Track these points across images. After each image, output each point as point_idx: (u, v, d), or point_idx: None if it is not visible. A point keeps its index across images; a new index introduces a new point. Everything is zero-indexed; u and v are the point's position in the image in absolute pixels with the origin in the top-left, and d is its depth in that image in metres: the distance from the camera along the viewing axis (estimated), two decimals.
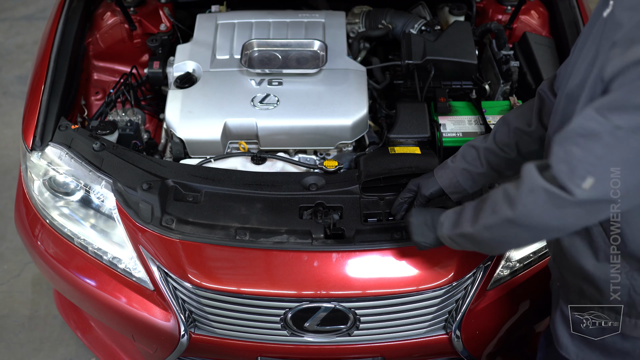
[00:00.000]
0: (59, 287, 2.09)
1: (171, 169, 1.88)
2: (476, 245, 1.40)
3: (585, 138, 1.08)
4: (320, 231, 1.73)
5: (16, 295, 2.79)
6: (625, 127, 1.03)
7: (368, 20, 2.54)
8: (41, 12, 4.32)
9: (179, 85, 2.18)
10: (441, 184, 1.68)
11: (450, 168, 1.67)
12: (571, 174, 1.09)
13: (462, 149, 1.69)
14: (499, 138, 1.62)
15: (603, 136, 1.05)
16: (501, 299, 1.83)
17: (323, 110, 2.07)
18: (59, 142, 1.91)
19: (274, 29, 2.37)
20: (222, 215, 1.76)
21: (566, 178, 1.10)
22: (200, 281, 1.72)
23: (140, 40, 2.49)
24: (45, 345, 2.63)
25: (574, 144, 1.10)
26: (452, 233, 1.45)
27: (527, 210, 1.19)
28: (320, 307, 1.72)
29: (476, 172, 1.64)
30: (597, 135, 1.05)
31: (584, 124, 1.09)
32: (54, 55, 2.12)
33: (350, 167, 2.02)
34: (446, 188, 1.68)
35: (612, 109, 1.04)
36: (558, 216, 1.15)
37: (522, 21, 2.48)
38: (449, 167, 1.68)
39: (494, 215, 1.27)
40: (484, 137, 1.68)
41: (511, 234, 1.27)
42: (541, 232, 1.23)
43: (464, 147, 1.69)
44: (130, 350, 2.19)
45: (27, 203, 1.97)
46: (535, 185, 1.16)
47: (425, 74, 2.24)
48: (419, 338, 1.84)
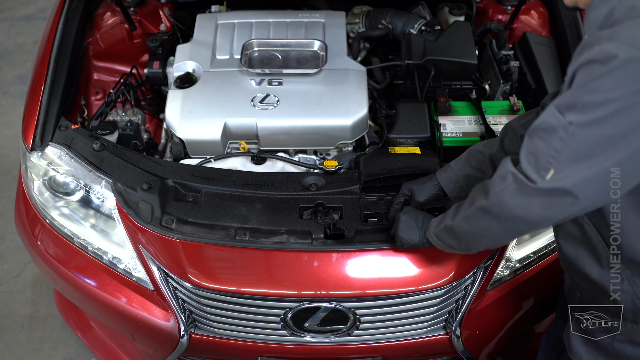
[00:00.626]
0: (59, 287, 2.09)
1: (171, 169, 1.88)
2: (456, 239, 1.44)
3: (547, 132, 1.17)
4: (320, 231, 1.73)
5: (16, 295, 2.79)
6: (576, 123, 1.12)
7: (368, 20, 2.54)
8: (41, 12, 4.32)
9: (179, 85, 2.18)
10: (445, 187, 1.69)
11: (454, 171, 1.68)
12: (537, 166, 1.18)
13: (466, 153, 1.69)
14: (507, 145, 1.63)
15: (559, 131, 1.14)
16: (501, 299, 1.83)
17: (323, 110, 2.07)
18: (59, 142, 1.91)
19: (274, 29, 2.37)
20: (222, 215, 1.76)
21: (533, 169, 1.19)
22: (200, 281, 1.72)
23: (140, 40, 2.49)
24: (45, 345, 2.63)
25: (539, 138, 1.19)
26: (437, 229, 1.49)
27: (498, 197, 1.25)
28: (320, 307, 1.72)
29: (481, 178, 1.63)
30: (555, 129, 1.15)
31: (546, 119, 1.18)
32: (54, 55, 2.12)
33: (350, 167, 2.02)
34: (449, 192, 1.69)
35: (566, 106, 1.15)
36: (525, 204, 1.21)
37: (522, 21, 2.48)
38: (452, 171, 1.68)
39: (472, 206, 1.34)
40: (489, 143, 1.68)
41: (484, 224, 1.32)
42: (510, 224, 1.27)
43: (469, 152, 1.69)
44: (130, 350, 2.19)
45: (27, 203, 1.97)
46: (506, 172, 1.24)
47: (425, 74, 2.24)
48: (419, 338, 1.84)
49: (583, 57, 1.14)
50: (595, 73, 1.10)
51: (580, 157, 1.13)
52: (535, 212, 1.21)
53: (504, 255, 1.81)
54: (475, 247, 1.41)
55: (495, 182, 1.27)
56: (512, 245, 1.82)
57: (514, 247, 1.82)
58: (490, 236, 1.34)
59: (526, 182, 1.19)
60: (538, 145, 1.18)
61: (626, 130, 1.10)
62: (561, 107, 1.15)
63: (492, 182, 1.28)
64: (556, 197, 1.17)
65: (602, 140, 1.11)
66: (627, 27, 1.10)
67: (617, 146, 1.11)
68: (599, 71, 1.09)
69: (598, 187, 1.16)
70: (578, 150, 1.13)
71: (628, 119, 1.09)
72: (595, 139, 1.11)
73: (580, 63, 1.14)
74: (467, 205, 1.37)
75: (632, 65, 1.07)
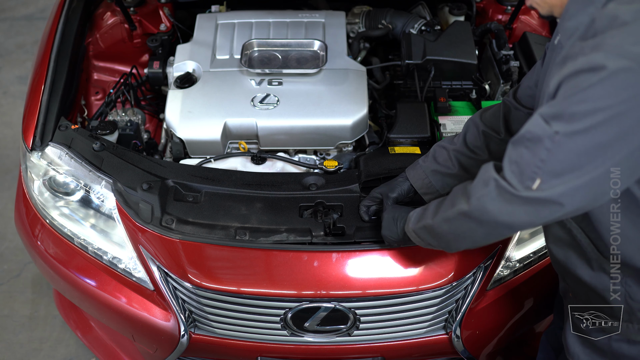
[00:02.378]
0: (59, 287, 2.09)
1: (171, 169, 1.88)
2: (436, 238, 1.43)
3: (532, 142, 1.16)
4: (320, 229, 1.73)
5: (16, 295, 2.79)
6: (562, 132, 1.12)
7: (368, 20, 2.54)
8: (41, 12, 4.32)
9: (179, 85, 2.18)
10: (414, 184, 1.71)
11: (422, 169, 1.70)
12: (521, 175, 1.17)
13: (432, 149, 1.72)
14: (469, 140, 1.67)
15: (544, 141, 1.14)
16: (501, 299, 1.83)
17: (323, 110, 2.07)
18: (59, 142, 1.91)
19: (274, 29, 2.37)
20: (222, 215, 1.76)
21: (517, 178, 1.18)
22: (200, 281, 1.72)
23: (140, 40, 2.49)
24: (45, 345, 2.63)
25: (524, 147, 1.18)
26: (415, 226, 1.48)
27: (480, 203, 1.24)
28: (320, 307, 1.72)
29: (448, 173, 1.68)
30: (540, 139, 1.14)
31: (531, 128, 1.17)
32: (54, 55, 2.12)
33: (350, 167, 2.02)
34: (419, 189, 1.71)
35: (552, 115, 1.14)
36: (509, 211, 1.21)
37: (522, 21, 2.48)
38: (420, 168, 1.71)
39: (452, 208, 1.33)
40: (454, 138, 1.71)
41: (466, 227, 1.31)
42: (493, 228, 1.28)
43: (434, 148, 1.72)
44: (130, 350, 2.19)
45: (27, 203, 1.97)
46: (488, 178, 1.23)
47: (425, 74, 2.24)
48: (419, 338, 1.84)
49: (567, 68, 1.14)
50: (583, 84, 1.09)
51: (566, 167, 1.13)
52: (519, 219, 1.21)
53: (504, 255, 1.81)
54: (456, 247, 1.43)
55: (476, 187, 1.26)
56: (512, 245, 1.82)
57: (514, 247, 1.82)
58: (472, 239, 1.34)
59: (510, 189, 1.18)
60: (523, 155, 1.17)
61: (615, 137, 1.10)
62: (547, 116, 1.14)
63: (474, 186, 1.27)
64: (542, 205, 1.17)
65: (590, 149, 1.11)
66: (612, 36, 1.10)
67: (605, 154, 1.11)
68: (587, 82, 1.09)
69: (585, 195, 1.16)
70: (564, 160, 1.13)
71: (617, 126, 1.09)
72: (582, 148, 1.11)
73: (566, 74, 1.13)
74: (447, 207, 1.36)
75: (621, 75, 1.07)
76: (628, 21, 1.11)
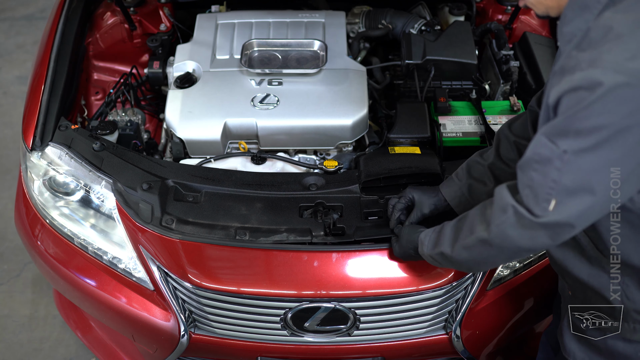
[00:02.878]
0: (59, 287, 2.09)
1: (171, 169, 1.88)
2: (456, 265, 1.45)
3: (540, 164, 1.16)
4: (320, 229, 1.73)
5: (16, 295, 2.79)
6: (570, 151, 1.11)
7: (368, 20, 2.54)
8: (41, 12, 4.32)
9: (179, 85, 2.18)
10: (450, 201, 1.68)
11: (457, 185, 1.67)
12: (536, 198, 1.17)
13: (466, 164, 1.69)
14: (503, 153, 1.63)
15: (554, 161, 1.13)
16: (501, 299, 1.83)
17: (323, 110, 2.07)
18: (59, 142, 1.91)
19: (274, 29, 2.37)
20: (222, 215, 1.76)
21: (532, 202, 1.18)
22: (200, 281, 1.72)
23: (140, 40, 2.49)
24: (45, 345, 2.63)
25: (533, 170, 1.17)
26: (432, 252, 1.48)
27: (499, 230, 1.24)
28: (320, 307, 1.72)
29: (484, 188, 1.64)
30: (550, 160, 1.14)
31: (537, 150, 1.17)
32: (54, 55, 2.12)
33: (350, 167, 2.02)
34: (455, 206, 1.67)
35: (557, 134, 1.13)
36: (529, 237, 1.21)
37: (522, 21, 2.48)
38: (456, 184, 1.68)
39: (471, 236, 1.33)
40: (486, 153, 1.68)
41: (487, 254, 1.32)
42: (514, 253, 1.29)
43: (469, 163, 1.69)
44: (130, 350, 2.19)
45: (27, 203, 1.97)
46: (505, 205, 1.22)
47: (425, 74, 2.24)
48: (419, 338, 1.84)
49: (566, 82, 1.13)
50: (583, 101, 1.09)
51: (579, 185, 1.13)
52: (540, 242, 1.22)
53: None
54: (476, 270, 1.44)
55: (495, 215, 1.26)
56: None
57: None
58: (493, 263, 1.36)
59: (528, 215, 1.18)
60: (533, 178, 1.17)
61: (622, 153, 1.10)
62: (552, 135, 1.13)
63: (493, 214, 1.27)
64: (561, 228, 1.18)
65: (599, 166, 1.11)
66: (608, 50, 1.10)
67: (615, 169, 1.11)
68: (587, 99, 1.08)
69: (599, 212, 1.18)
70: (576, 179, 1.12)
71: (622, 143, 1.09)
72: (591, 165, 1.11)
73: (565, 90, 1.13)
74: (465, 234, 1.35)
75: (619, 91, 1.07)
76: (623, 33, 1.10)
